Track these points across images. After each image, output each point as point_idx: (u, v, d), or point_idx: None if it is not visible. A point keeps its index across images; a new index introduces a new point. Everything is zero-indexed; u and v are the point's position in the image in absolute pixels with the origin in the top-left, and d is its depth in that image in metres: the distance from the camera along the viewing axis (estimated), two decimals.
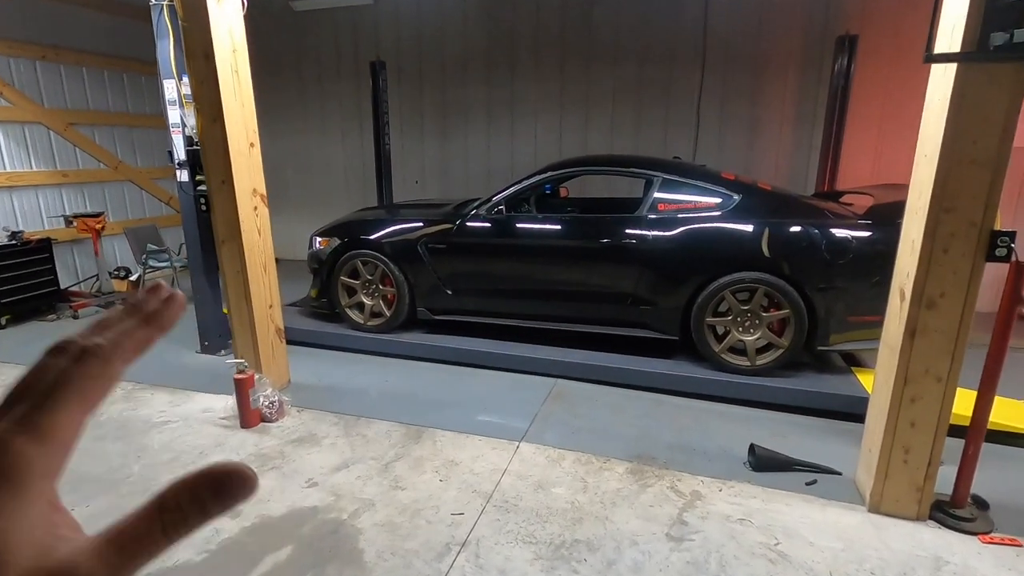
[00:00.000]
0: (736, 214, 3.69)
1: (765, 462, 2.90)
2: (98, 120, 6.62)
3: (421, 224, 4.35)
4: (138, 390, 3.86)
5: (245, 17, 3.31)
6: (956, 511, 2.50)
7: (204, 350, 4.52)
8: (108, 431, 3.30)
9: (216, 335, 4.49)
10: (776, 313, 3.57)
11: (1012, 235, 2.15)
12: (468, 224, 4.22)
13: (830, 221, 3.55)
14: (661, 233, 3.77)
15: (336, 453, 3.05)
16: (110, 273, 6.24)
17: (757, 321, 3.63)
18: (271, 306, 3.66)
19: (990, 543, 2.37)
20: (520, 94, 7.07)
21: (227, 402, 3.58)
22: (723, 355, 3.71)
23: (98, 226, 5.80)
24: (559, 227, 4.10)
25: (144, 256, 5.82)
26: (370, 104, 6.84)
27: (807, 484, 2.79)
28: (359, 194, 8.01)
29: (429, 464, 2.94)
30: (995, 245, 2.17)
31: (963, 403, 2.46)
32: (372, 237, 4.41)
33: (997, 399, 2.44)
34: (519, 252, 4.16)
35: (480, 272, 4.25)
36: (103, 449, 3.11)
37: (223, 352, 4.51)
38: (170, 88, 4.01)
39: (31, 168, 5.95)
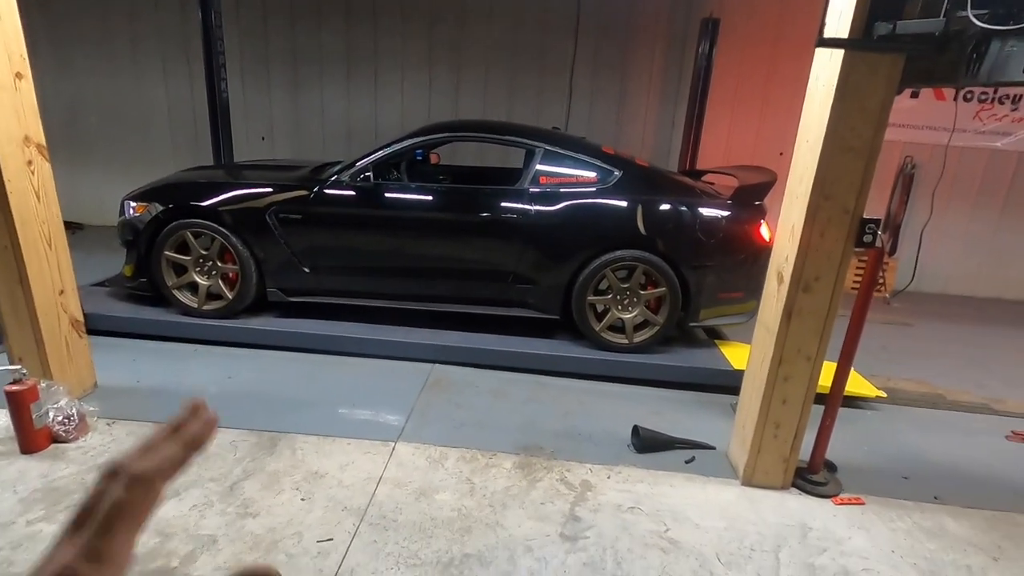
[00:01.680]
0: (617, 190, 3.62)
1: (648, 443, 2.90)
2: None
3: (271, 189, 3.68)
4: None
5: None
6: (813, 477, 2.69)
7: None
8: None
9: None
10: (654, 291, 3.60)
11: (878, 222, 2.26)
12: (329, 191, 3.66)
13: (702, 200, 3.63)
14: (544, 208, 3.58)
15: None
16: None
17: (635, 299, 3.64)
18: (62, 292, 2.82)
19: (841, 504, 2.59)
20: (384, 48, 6.40)
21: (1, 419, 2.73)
22: (603, 334, 3.68)
23: None
24: (434, 198, 3.72)
25: None
26: (200, 41, 5.71)
27: (686, 462, 2.83)
28: (189, 150, 6.79)
29: (287, 480, 2.47)
30: (863, 232, 2.27)
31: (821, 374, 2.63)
32: (206, 203, 3.63)
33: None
34: (389, 224, 3.71)
35: (344, 247, 3.73)
36: None
37: None
38: None
39: None
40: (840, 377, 2.57)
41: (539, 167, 3.66)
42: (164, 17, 6.44)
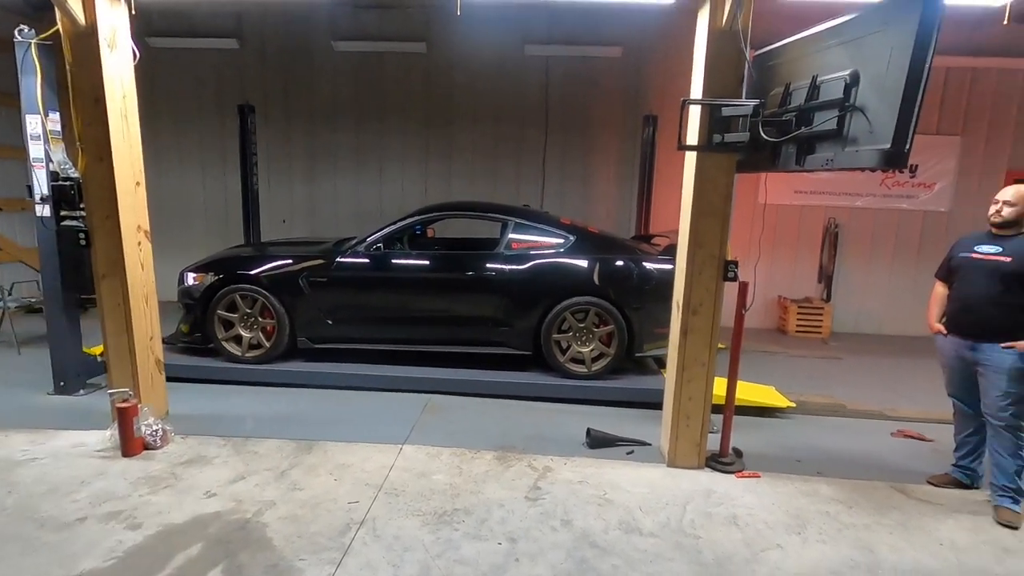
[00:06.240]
0: (572, 251, 4.65)
1: (598, 441, 3.74)
2: None
3: (302, 260, 4.70)
4: None
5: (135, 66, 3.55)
6: (722, 459, 3.52)
7: (59, 391, 4.32)
8: None
9: (74, 375, 4.33)
10: (604, 328, 4.54)
11: (735, 263, 3.25)
12: (348, 260, 4.68)
13: (639, 256, 4.65)
14: (516, 267, 4.59)
15: (229, 468, 3.28)
16: None
17: (591, 336, 4.57)
18: (152, 338, 3.76)
19: (742, 477, 3.40)
20: (388, 143, 7.70)
21: (101, 435, 3.57)
22: (567, 364, 4.58)
23: None
24: (430, 262, 4.74)
25: None
26: (233, 144, 6.97)
27: (627, 454, 3.66)
28: (220, 233, 7.91)
29: (323, 469, 3.31)
30: (727, 270, 3.25)
31: (721, 388, 3.50)
32: (252, 272, 4.65)
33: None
34: (395, 284, 4.70)
35: (360, 303, 4.70)
36: None
37: (82, 392, 4.36)
38: (34, 123, 3.99)
39: None
40: (731, 383, 3.46)
41: (511, 235, 4.71)
42: (204, 125, 7.78)
